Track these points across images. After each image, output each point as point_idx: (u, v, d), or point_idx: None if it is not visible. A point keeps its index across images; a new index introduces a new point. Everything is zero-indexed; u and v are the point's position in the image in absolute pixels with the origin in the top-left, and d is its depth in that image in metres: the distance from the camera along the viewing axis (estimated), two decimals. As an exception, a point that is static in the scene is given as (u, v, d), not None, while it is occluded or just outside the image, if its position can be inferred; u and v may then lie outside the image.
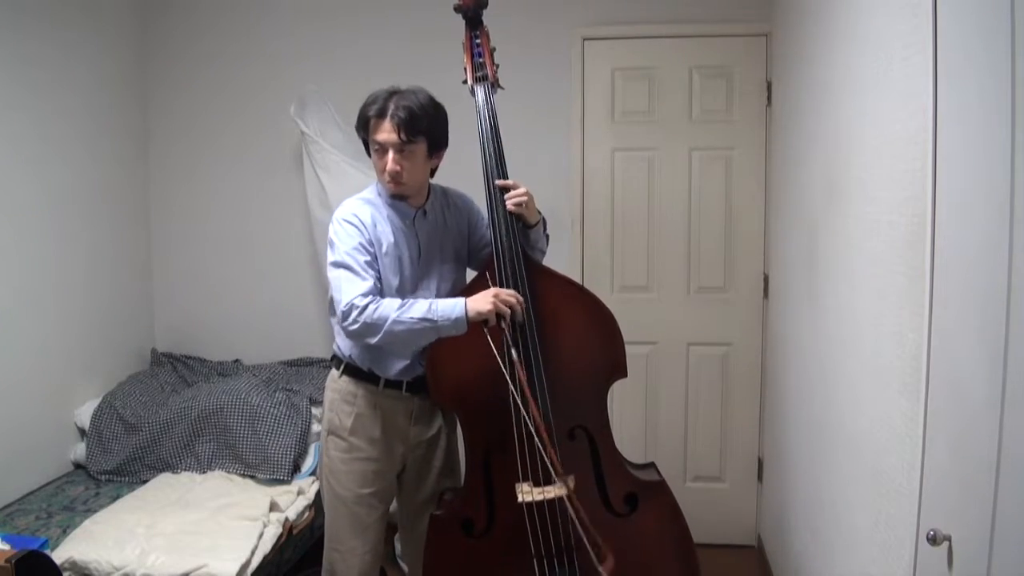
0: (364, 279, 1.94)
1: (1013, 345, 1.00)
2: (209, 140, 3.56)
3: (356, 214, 2.04)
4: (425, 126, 1.97)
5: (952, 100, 1.22)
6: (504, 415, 1.99)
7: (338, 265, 1.98)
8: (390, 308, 1.90)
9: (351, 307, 1.90)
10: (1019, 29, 0.99)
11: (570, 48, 3.29)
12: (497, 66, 2.16)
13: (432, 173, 2.14)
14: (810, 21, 2.37)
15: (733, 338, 3.32)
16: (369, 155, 2.07)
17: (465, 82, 2.16)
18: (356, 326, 1.90)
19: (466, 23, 2.17)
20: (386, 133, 1.96)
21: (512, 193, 2.06)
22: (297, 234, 3.46)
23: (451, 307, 1.91)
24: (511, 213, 2.05)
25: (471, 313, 1.90)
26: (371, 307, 1.89)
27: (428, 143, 2.01)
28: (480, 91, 2.12)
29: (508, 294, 1.94)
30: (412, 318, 1.89)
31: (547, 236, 2.23)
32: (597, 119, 3.31)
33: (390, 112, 1.95)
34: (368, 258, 1.99)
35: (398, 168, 1.98)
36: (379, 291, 1.98)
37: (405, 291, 2.07)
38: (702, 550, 2.17)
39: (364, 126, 2.01)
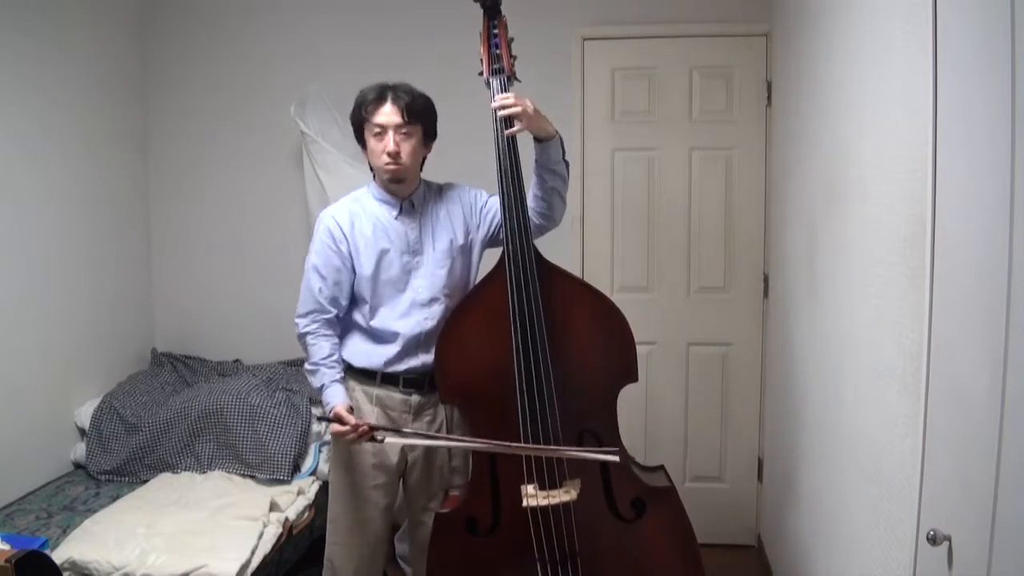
0: (309, 298, 2.13)
1: (1013, 345, 1.00)
2: (209, 140, 3.55)
3: (335, 217, 2.14)
4: (422, 110, 2.07)
5: (952, 99, 1.22)
6: (510, 412, 1.99)
7: (304, 276, 2.16)
8: (311, 355, 2.12)
9: (297, 324, 2.15)
10: (1019, 28, 0.99)
11: (570, 48, 3.29)
12: (514, 58, 2.11)
13: (421, 166, 2.17)
14: (810, 21, 2.37)
15: (733, 338, 3.32)
16: (363, 147, 2.11)
17: (481, 74, 2.11)
18: (300, 341, 2.17)
19: (484, 12, 2.10)
20: (386, 115, 2.03)
21: (498, 99, 2.02)
22: (297, 234, 3.44)
23: (327, 401, 2.07)
24: (512, 136, 2.01)
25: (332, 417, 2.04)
26: (306, 340, 2.13)
27: (423, 129, 2.09)
28: (496, 83, 2.08)
29: (358, 434, 1.97)
30: (313, 382, 2.13)
31: (567, 163, 2.14)
32: (597, 119, 3.31)
33: (390, 96, 2.04)
34: (328, 269, 2.11)
35: (398, 148, 2.04)
36: (335, 302, 2.13)
37: (379, 282, 2.12)
38: (702, 550, 2.16)
39: (361, 110, 2.07)
